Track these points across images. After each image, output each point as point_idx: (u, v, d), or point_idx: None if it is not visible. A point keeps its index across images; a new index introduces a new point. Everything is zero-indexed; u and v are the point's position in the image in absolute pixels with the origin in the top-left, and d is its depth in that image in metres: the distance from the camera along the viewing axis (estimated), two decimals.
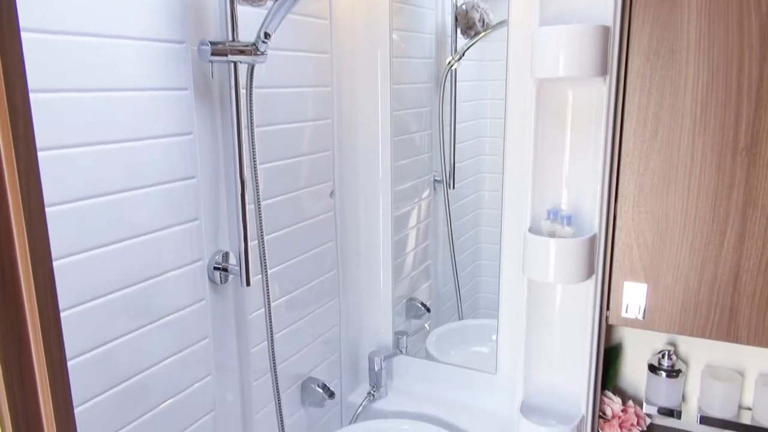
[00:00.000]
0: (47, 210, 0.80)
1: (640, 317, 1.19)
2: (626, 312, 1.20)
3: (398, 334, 1.64)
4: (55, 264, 0.82)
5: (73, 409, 0.59)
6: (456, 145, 1.61)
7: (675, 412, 1.26)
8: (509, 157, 1.37)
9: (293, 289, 1.35)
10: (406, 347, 1.64)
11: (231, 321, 1.17)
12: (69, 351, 0.85)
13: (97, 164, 0.88)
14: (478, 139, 1.58)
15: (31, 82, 0.77)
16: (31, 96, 0.76)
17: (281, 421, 1.24)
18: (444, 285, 1.72)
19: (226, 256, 1.13)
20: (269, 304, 1.17)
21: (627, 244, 1.17)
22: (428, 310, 1.73)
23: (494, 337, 1.51)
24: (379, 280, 1.60)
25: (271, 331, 1.18)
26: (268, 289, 1.16)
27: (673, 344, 1.30)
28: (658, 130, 1.11)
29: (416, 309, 1.72)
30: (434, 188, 1.66)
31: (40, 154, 0.78)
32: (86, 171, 0.86)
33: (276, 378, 1.21)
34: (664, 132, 1.11)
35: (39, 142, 0.78)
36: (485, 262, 1.65)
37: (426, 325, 1.70)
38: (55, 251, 0.82)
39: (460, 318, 1.70)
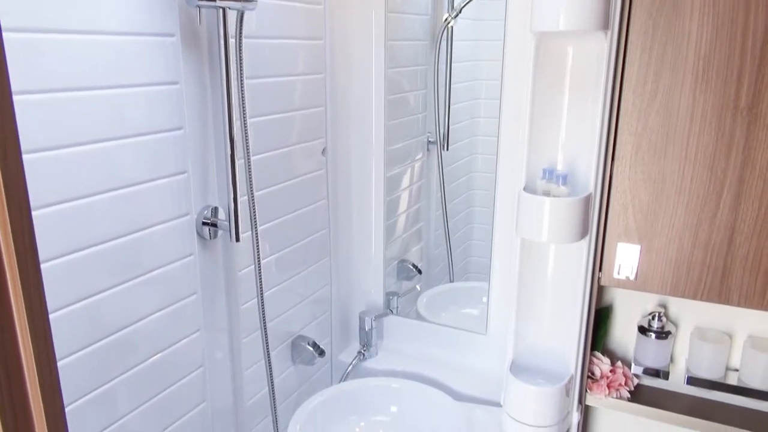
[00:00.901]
0: (24, 157, 0.77)
1: (632, 278, 1.18)
2: (618, 273, 1.19)
3: (389, 295, 1.64)
4: (34, 214, 0.79)
5: (56, 362, 0.58)
6: (451, 106, 1.58)
7: (663, 373, 1.27)
8: (505, 115, 1.34)
9: (283, 247, 1.33)
10: (397, 308, 1.64)
11: (220, 277, 1.16)
12: (52, 303, 0.83)
13: (78, 111, 0.84)
14: (474, 101, 1.55)
15: (4, 20, 0.73)
16: (5, 35, 0.73)
17: (271, 378, 1.24)
18: (436, 247, 1.71)
19: (215, 211, 1.11)
20: (259, 261, 1.15)
21: (622, 205, 1.16)
22: (419, 271, 1.73)
23: (485, 299, 1.51)
24: (371, 240, 1.58)
25: (261, 288, 1.17)
26: (258, 246, 1.14)
27: (663, 306, 1.30)
28: (658, 89, 1.08)
29: (407, 271, 1.71)
30: (428, 149, 1.64)
31: (15, 98, 0.75)
32: (66, 117, 0.83)
33: (266, 335, 1.20)
34: (665, 91, 1.08)
35: (14, 85, 0.75)
36: (478, 226, 1.64)
37: (417, 286, 1.69)
38: (34, 200, 0.79)
39: (451, 280, 1.70)
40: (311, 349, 1.41)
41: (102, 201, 0.89)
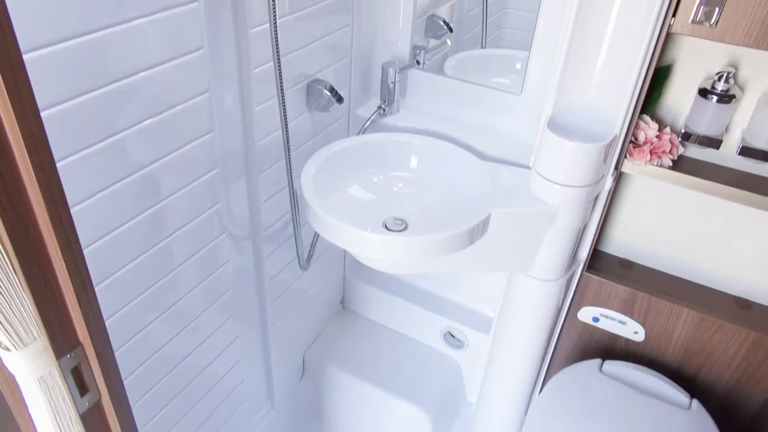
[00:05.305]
0: None
1: (711, 24, 1.00)
2: (696, 18, 1.00)
3: (416, 49, 1.47)
4: None
5: (32, 92, 0.46)
6: None
7: (715, 142, 1.15)
8: None
9: None
10: (424, 63, 1.47)
11: None
12: (26, 44, 0.68)
13: None
14: None
15: None
16: None
17: (284, 116, 1.13)
18: (469, 10, 1.49)
19: None
20: None
21: None
22: (451, 30, 1.53)
23: (519, 66, 1.34)
24: None
25: (274, 7, 0.99)
26: None
27: (734, 66, 1.13)
28: None
29: (437, 28, 1.52)
30: None
31: None
32: None
33: (279, 65, 1.06)
34: None
35: None
36: None
37: (447, 41, 1.51)
38: None
39: (483, 47, 1.51)
40: (328, 93, 1.28)
41: None
